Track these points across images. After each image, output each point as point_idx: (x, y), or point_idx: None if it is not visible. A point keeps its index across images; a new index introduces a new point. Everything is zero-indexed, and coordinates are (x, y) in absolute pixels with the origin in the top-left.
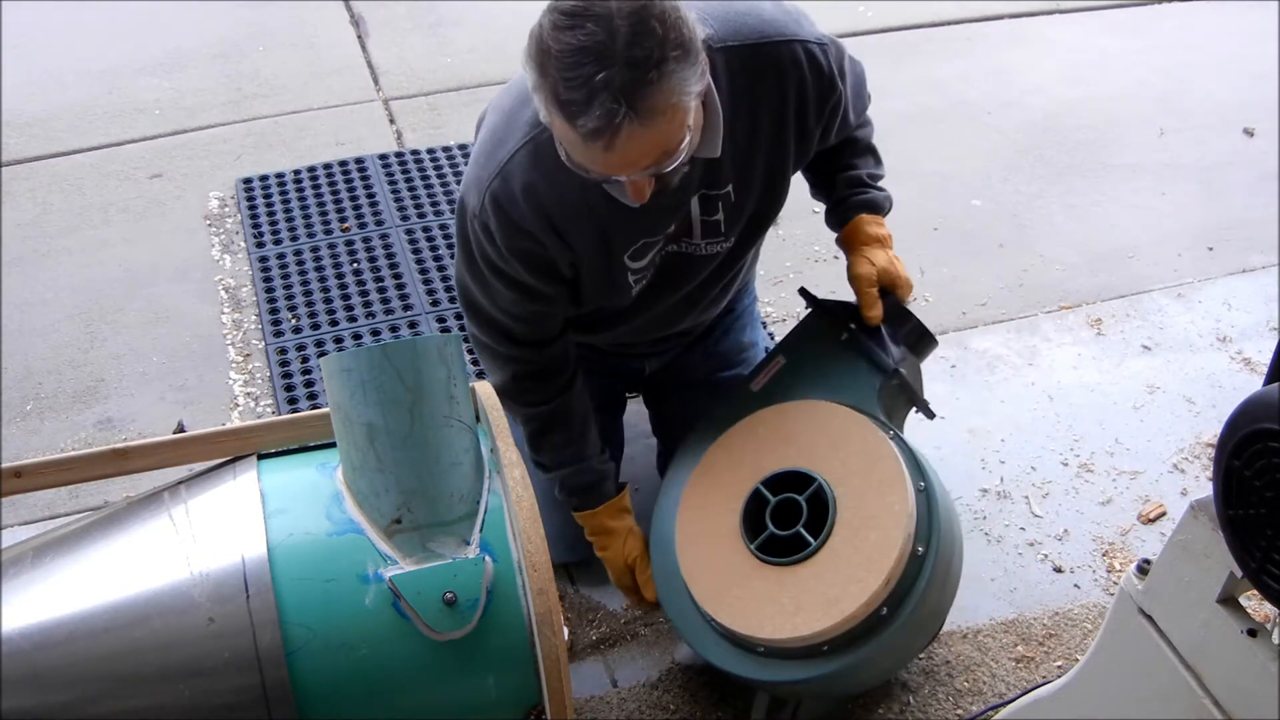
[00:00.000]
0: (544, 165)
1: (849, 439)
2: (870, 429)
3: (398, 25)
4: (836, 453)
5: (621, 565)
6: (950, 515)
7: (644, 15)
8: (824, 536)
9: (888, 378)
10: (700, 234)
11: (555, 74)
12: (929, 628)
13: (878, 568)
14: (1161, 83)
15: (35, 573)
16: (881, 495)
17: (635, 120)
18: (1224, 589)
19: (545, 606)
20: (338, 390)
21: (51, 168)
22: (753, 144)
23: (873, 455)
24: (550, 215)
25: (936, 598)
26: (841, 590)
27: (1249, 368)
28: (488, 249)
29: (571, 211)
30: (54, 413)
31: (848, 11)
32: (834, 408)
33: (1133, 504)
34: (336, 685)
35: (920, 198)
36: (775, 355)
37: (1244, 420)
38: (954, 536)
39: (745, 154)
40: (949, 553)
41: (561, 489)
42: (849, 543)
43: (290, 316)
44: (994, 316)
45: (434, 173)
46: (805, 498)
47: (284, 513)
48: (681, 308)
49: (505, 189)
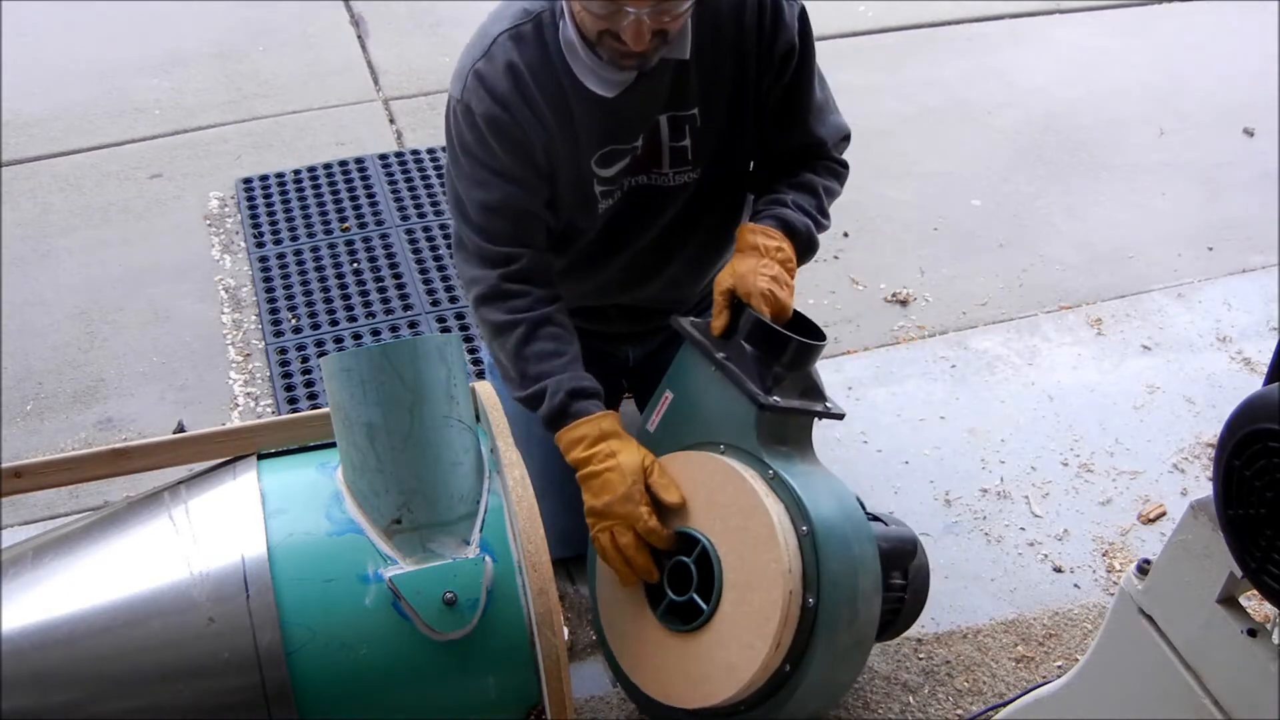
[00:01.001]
0: (526, 50)
1: (723, 494)
2: (739, 481)
3: (398, 25)
4: (714, 510)
5: (636, 467)
6: (843, 550)
7: None
8: (714, 602)
9: (761, 409)
10: (669, 162)
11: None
12: (848, 664)
13: (763, 633)
14: (1161, 83)
15: (35, 573)
16: (758, 553)
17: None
18: (1224, 589)
19: (545, 606)
20: (338, 390)
21: (51, 168)
22: (717, 70)
23: (745, 511)
24: (527, 92)
25: (846, 638)
26: (738, 656)
27: (1249, 368)
28: (466, 133)
29: (548, 96)
30: (54, 413)
31: (848, 11)
32: (707, 459)
33: (1133, 504)
34: (336, 685)
35: (920, 198)
36: (663, 390)
37: (1244, 420)
38: (852, 569)
39: (710, 78)
40: (848, 590)
41: (553, 403)
42: (737, 606)
43: (290, 316)
44: (994, 316)
45: (434, 173)
46: (693, 560)
47: (284, 513)
48: (654, 258)
49: (489, 66)
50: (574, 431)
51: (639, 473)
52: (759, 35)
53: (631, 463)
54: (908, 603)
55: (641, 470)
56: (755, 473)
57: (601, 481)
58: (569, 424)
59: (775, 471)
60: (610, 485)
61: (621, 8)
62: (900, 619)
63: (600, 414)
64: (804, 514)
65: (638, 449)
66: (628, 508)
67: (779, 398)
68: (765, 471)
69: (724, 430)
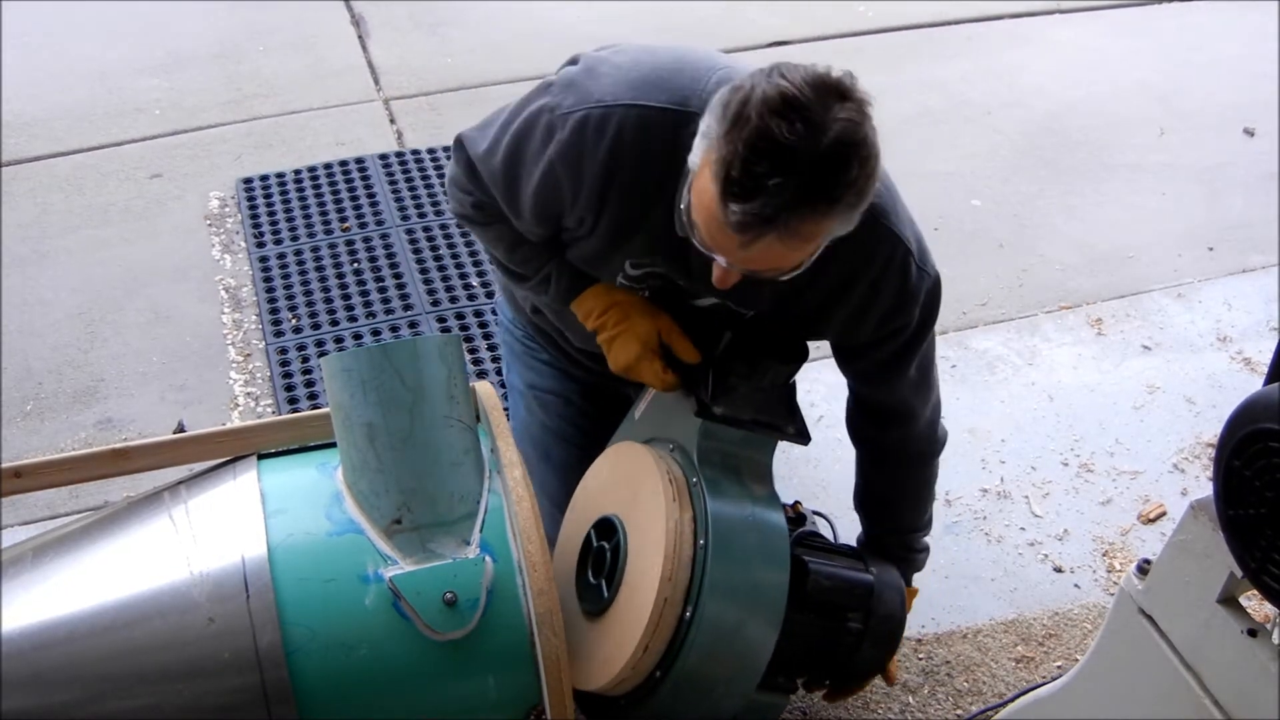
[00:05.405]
0: (646, 140)
1: (644, 491)
2: (654, 482)
3: (398, 25)
4: (636, 504)
5: (650, 329)
6: (733, 571)
7: (851, 150)
8: (611, 593)
9: (698, 414)
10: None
11: (739, 147)
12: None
13: (633, 634)
14: (1161, 83)
15: (35, 573)
16: (649, 555)
17: (781, 235)
18: (1224, 589)
19: (545, 606)
20: (338, 390)
21: (51, 168)
22: (800, 297)
23: (650, 512)
24: (611, 176)
25: (721, 662)
26: (614, 650)
27: (1249, 368)
28: (534, 139)
29: (631, 193)
30: (54, 413)
31: (848, 11)
32: (641, 454)
33: (1133, 504)
34: (336, 685)
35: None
36: None
37: (1244, 420)
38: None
39: (784, 299)
40: (730, 612)
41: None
42: (624, 602)
43: (290, 316)
44: (994, 316)
45: (434, 173)
46: (611, 548)
47: (284, 513)
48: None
49: (599, 124)
50: (584, 303)
51: (652, 333)
52: (881, 314)
53: (644, 326)
54: (865, 650)
55: (654, 333)
56: (682, 477)
57: (619, 344)
58: (577, 297)
59: (699, 480)
60: (626, 347)
61: (713, 255)
62: (857, 663)
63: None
64: (705, 527)
65: (650, 311)
66: (641, 366)
67: (724, 408)
68: (690, 478)
69: (677, 431)
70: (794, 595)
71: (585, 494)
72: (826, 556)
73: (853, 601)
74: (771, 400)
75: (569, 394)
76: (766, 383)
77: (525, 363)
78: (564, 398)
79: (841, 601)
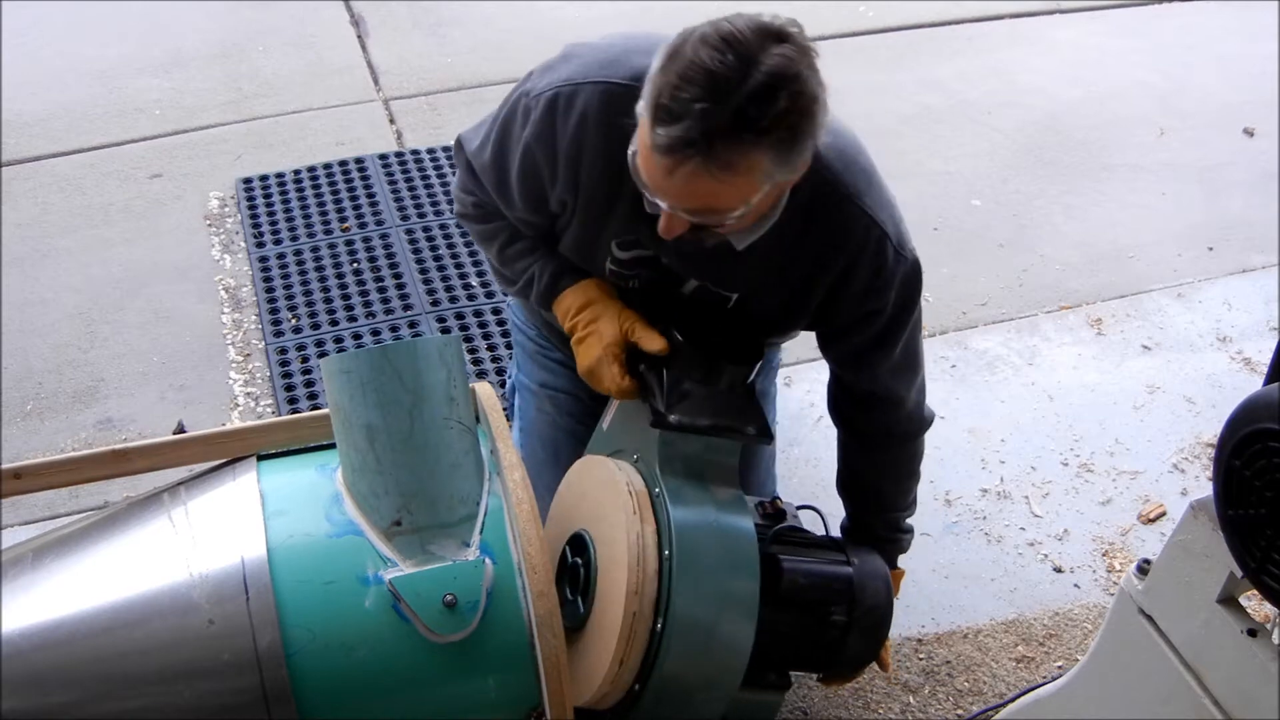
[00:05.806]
0: (610, 112)
1: (609, 505)
2: (615, 496)
3: (398, 25)
4: (601, 520)
5: (615, 330)
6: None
7: (782, 83)
8: (587, 608)
9: (653, 424)
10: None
11: (671, 76)
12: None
13: (607, 648)
14: (1161, 83)
15: (35, 573)
16: (616, 569)
17: (706, 163)
18: (1224, 589)
19: (545, 608)
20: (338, 391)
21: (51, 168)
22: (780, 278)
23: (614, 525)
24: (580, 152)
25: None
26: (594, 665)
27: (1249, 368)
28: (514, 125)
29: (601, 166)
30: (54, 413)
31: (848, 11)
32: (604, 467)
33: (1133, 504)
34: (336, 687)
35: (920, 198)
36: None
37: (1244, 420)
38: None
39: (764, 280)
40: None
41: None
42: (598, 617)
43: (290, 316)
44: (994, 316)
45: (434, 173)
46: (583, 564)
47: (284, 514)
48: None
49: (568, 101)
50: (561, 304)
51: (616, 336)
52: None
53: (609, 329)
54: (852, 642)
55: (619, 334)
56: (644, 488)
57: (584, 346)
58: (556, 297)
59: (661, 490)
60: (589, 349)
61: (654, 199)
62: (846, 655)
63: (584, 282)
64: (670, 538)
65: (618, 313)
66: (601, 369)
67: (680, 415)
68: (653, 489)
69: (640, 441)
70: (771, 594)
71: (559, 509)
72: (804, 552)
73: (833, 595)
74: (731, 402)
75: (580, 392)
76: (724, 385)
77: (538, 362)
78: (575, 395)
79: (820, 597)
